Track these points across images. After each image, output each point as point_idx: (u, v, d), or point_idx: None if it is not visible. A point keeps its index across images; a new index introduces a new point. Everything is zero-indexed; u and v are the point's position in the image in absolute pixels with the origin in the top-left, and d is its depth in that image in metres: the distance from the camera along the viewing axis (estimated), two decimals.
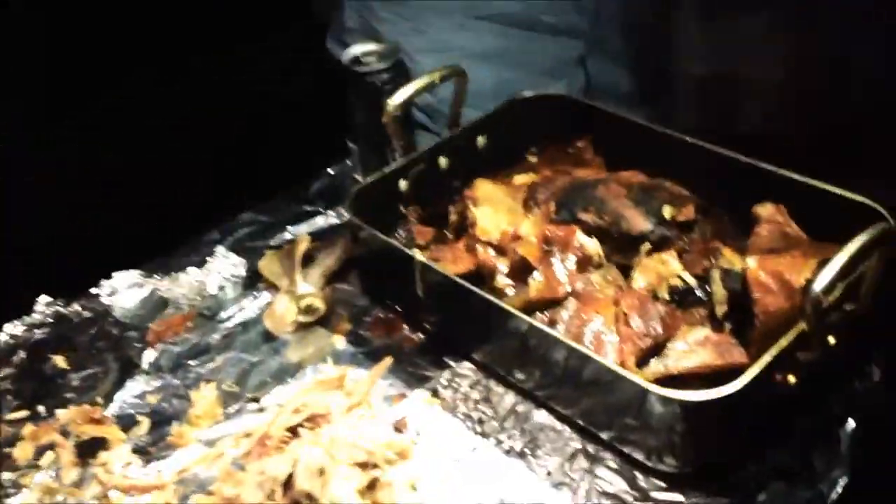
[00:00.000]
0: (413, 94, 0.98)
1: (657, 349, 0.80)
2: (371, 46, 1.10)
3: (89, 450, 0.80)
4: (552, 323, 0.82)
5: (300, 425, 0.78)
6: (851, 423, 0.77)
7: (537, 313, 0.84)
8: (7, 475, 0.78)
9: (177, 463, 0.78)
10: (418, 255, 0.85)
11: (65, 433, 0.81)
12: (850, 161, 1.09)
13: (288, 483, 0.69)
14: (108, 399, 0.85)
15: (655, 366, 0.79)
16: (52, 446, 0.80)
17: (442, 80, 1.00)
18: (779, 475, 0.73)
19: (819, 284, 0.66)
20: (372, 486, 0.72)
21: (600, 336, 0.80)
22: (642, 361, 0.79)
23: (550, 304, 0.85)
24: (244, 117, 1.18)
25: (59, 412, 0.83)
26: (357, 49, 1.10)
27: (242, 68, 1.25)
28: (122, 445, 0.80)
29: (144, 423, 0.83)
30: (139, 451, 0.80)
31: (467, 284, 0.81)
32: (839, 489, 0.74)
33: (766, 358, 0.69)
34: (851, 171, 0.91)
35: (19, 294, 0.96)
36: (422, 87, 0.98)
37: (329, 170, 1.17)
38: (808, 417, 0.76)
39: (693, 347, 0.80)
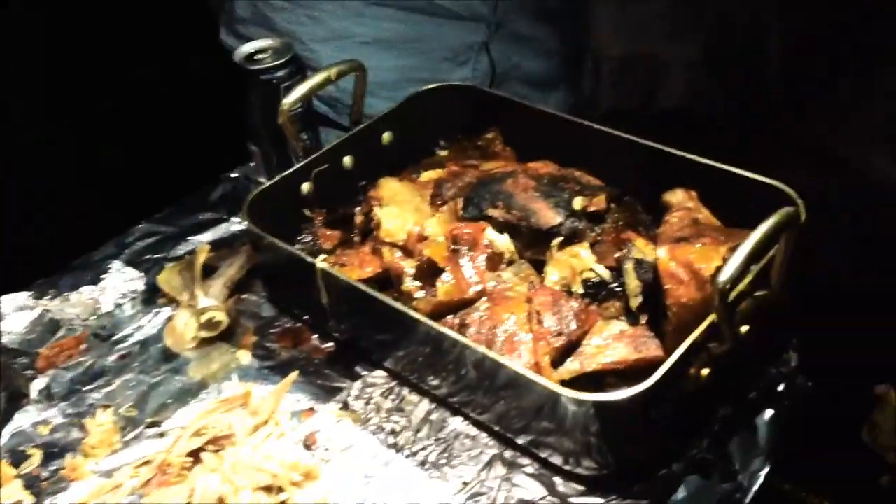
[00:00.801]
0: (308, 93, 0.94)
1: (572, 347, 0.78)
2: (265, 42, 1.06)
3: None
4: (463, 326, 0.79)
5: (202, 449, 0.74)
6: (769, 412, 0.75)
7: (448, 316, 0.81)
8: None
9: (72, 497, 0.74)
10: (319, 263, 0.81)
11: None
12: (765, 143, 1.09)
13: None
14: None
15: (571, 364, 0.77)
16: None
17: (339, 77, 0.96)
18: (699, 469, 0.72)
19: (725, 274, 0.64)
20: None
21: (513, 337, 0.77)
22: (558, 360, 0.77)
23: (461, 305, 0.82)
24: (136, 120, 1.12)
25: None
26: (250, 46, 1.06)
27: (130, 66, 1.20)
28: (12, 483, 0.75)
29: (36, 457, 0.78)
30: (30, 486, 0.75)
31: (371, 291, 0.77)
32: (760, 479, 0.73)
33: (678, 352, 0.67)
34: (766, 155, 0.91)
35: None
36: (317, 85, 0.94)
37: (231, 174, 1.11)
38: (726, 408, 0.75)
39: (609, 342, 0.78)
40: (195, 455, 0.74)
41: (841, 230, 1.10)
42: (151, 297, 0.94)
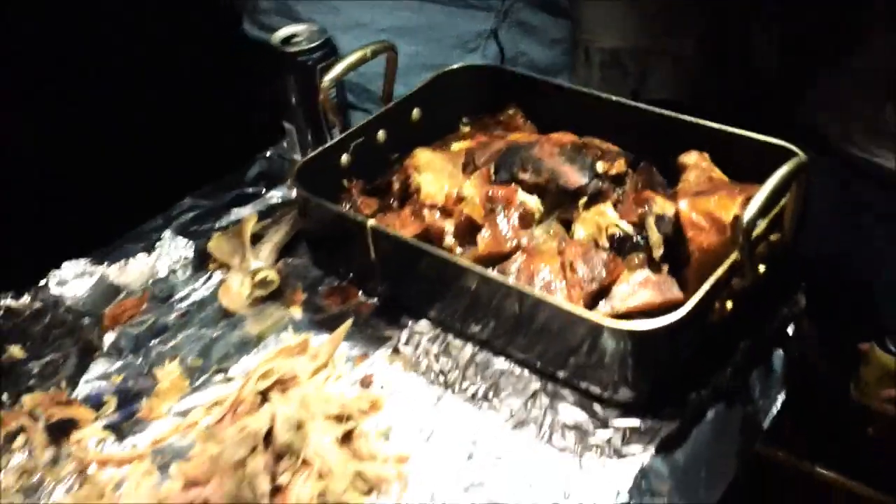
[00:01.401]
0: (346, 70, 1.01)
1: (603, 293, 0.85)
2: (298, 27, 1.13)
3: (60, 431, 0.81)
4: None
5: (269, 390, 0.81)
6: (781, 350, 0.83)
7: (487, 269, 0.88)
8: None
9: (150, 435, 0.80)
10: (370, 222, 0.88)
11: (33, 417, 0.81)
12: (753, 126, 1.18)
13: (268, 438, 0.72)
14: (72, 383, 0.86)
15: (602, 308, 0.84)
16: (20, 431, 0.81)
17: (373, 56, 1.03)
18: (723, 396, 0.79)
19: (748, 214, 0.72)
20: (348, 436, 0.75)
21: (549, 285, 0.84)
22: (590, 305, 0.84)
23: (498, 259, 0.89)
24: (175, 105, 1.19)
25: (24, 398, 0.83)
26: (285, 31, 1.13)
27: (163, 54, 1.26)
28: (92, 424, 0.81)
29: (112, 403, 0.84)
30: (111, 427, 0.81)
31: (421, 244, 0.85)
32: (777, 405, 0.81)
33: (706, 286, 0.75)
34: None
35: None
36: (354, 63, 1.01)
37: (265, 153, 1.18)
38: (745, 342, 0.83)
39: (635, 288, 0.86)
40: (263, 396, 0.81)
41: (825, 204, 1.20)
42: (202, 263, 1.00)
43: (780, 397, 0.82)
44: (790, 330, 0.88)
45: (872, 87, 1.25)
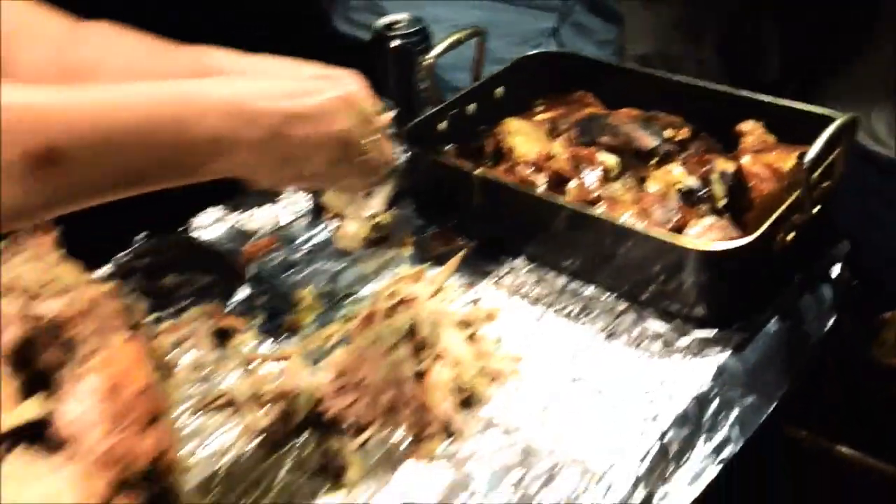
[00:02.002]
0: (445, 50, 1.16)
1: (677, 233, 1.00)
2: (396, 17, 1.29)
3: (221, 337, 0.95)
4: None
5: (394, 308, 0.95)
6: (833, 275, 0.98)
7: None
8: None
9: (298, 342, 0.94)
10: (478, 171, 1.03)
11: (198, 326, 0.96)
12: None
13: (410, 333, 0.86)
14: (223, 303, 1.01)
15: None
16: (185, 339, 0.95)
17: (467, 38, 1.19)
18: (782, 315, 0.94)
19: (811, 154, 0.87)
20: (470, 339, 0.90)
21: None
22: None
23: (585, 206, 1.04)
24: None
25: (188, 312, 0.98)
26: (385, 20, 1.29)
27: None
28: (247, 332, 0.96)
29: (260, 317, 0.99)
30: (263, 334, 0.96)
31: (525, 188, 1.00)
32: (827, 327, 0.96)
33: (773, 217, 0.90)
34: None
35: (119, 234, 1.10)
36: (451, 44, 1.17)
37: None
38: (800, 274, 0.98)
39: (703, 231, 1.01)
40: (389, 313, 0.95)
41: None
42: (319, 213, 1.15)
43: (829, 323, 0.97)
44: (835, 270, 1.02)
45: (876, 86, 1.41)
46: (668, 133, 1.12)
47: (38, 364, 0.64)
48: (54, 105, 0.60)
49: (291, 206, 1.17)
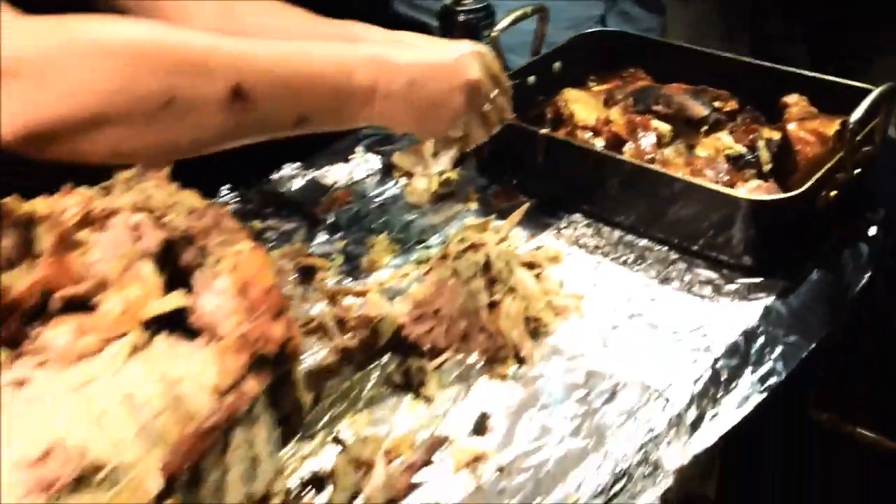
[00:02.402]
0: (511, 23, 1.25)
1: None
2: None
3: (304, 275, 1.04)
4: None
5: (465, 251, 1.04)
6: (870, 234, 1.06)
7: None
8: None
9: (375, 279, 1.03)
10: (542, 130, 1.12)
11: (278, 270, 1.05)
12: None
13: (484, 269, 0.95)
14: (305, 245, 1.10)
15: None
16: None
17: (532, 14, 1.28)
18: (823, 267, 1.02)
19: (855, 116, 0.95)
20: (537, 277, 0.99)
21: None
22: None
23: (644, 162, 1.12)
24: None
25: (273, 252, 1.07)
26: None
27: None
28: (329, 271, 1.05)
29: (339, 258, 1.08)
30: (342, 274, 1.05)
31: (589, 146, 1.08)
32: (864, 280, 1.04)
33: (817, 174, 0.98)
34: None
35: (204, 186, 1.19)
36: (517, 18, 1.26)
37: None
38: (841, 231, 1.05)
39: (751, 191, 1.09)
40: (460, 256, 1.04)
41: None
42: (389, 171, 1.25)
43: (865, 277, 1.04)
44: (872, 231, 1.10)
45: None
46: (717, 103, 1.20)
47: (178, 265, 0.73)
48: (244, 50, 0.71)
49: (363, 164, 1.26)
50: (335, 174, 1.23)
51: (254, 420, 0.67)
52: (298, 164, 1.25)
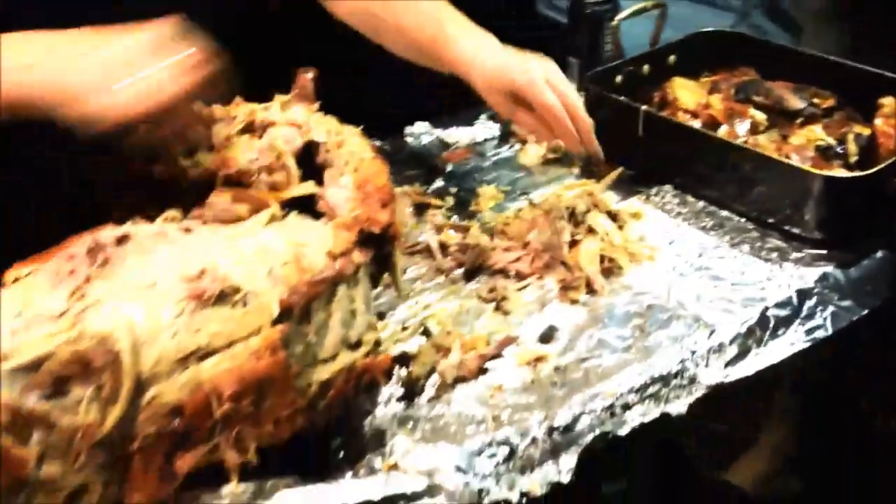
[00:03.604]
0: (630, 15, 1.39)
1: None
2: None
3: (419, 210, 1.21)
4: None
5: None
6: None
7: None
8: None
9: (478, 218, 1.19)
10: (644, 107, 1.25)
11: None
12: None
13: (570, 213, 1.09)
14: (423, 187, 1.27)
15: None
16: None
17: (652, 8, 1.41)
18: (887, 248, 1.10)
19: None
20: (620, 228, 1.12)
21: None
22: None
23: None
24: None
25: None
26: None
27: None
28: (439, 209, 1.22)
29: (450, 200, 1.24)
30: (452, 210, 1.21)
31: (685, 123, 1.21)
32: None
33: (888, 161, 1.07)
34: None
35: None
36: (638, 10, 1.39)
37: None
38: None
39: None
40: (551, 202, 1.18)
41: None
42: (506, 138, 1.40)
43: None
44: None
45: None
46: (815, 99, 1.29)
47: (314, 163, 0.92)
48: None
49: (485, 129, 1.42)
50: (458, 135, 1.40)
51: (356, 282, 0.84)
52: (427, 123, 1.42)
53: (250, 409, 0.75)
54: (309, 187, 0.89)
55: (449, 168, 1.32)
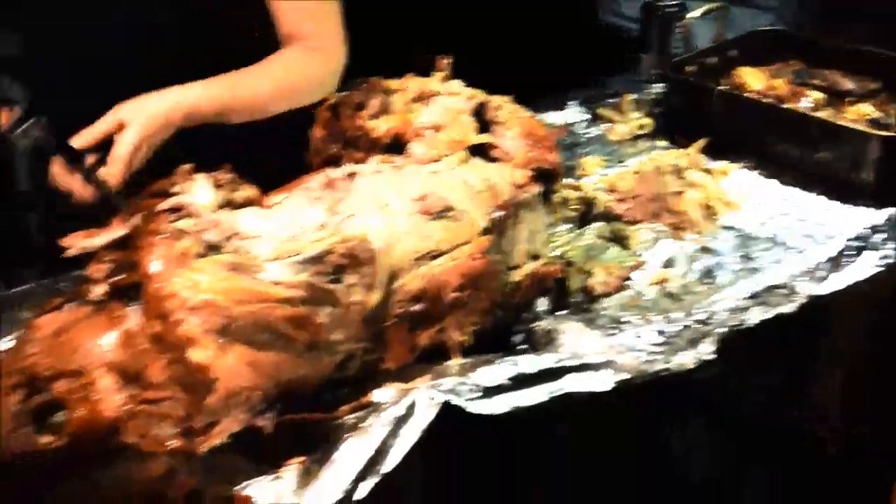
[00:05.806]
0: (701, 14, 1.62)
1: None
2: None
3: None
4: None
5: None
6: None
7: None
8: None
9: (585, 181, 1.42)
10: (720, 88, 1.48)
11: None
12: None
13: (674, 168, 1.32)
14: None
15: None
16: None
17: (716, 9, 1.65)
18: None
19: None
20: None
21: None
22: None
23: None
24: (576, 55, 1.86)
25: None
26: None
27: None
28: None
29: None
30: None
31: (761, 99, 1.43)
32: None
33: None
34: None
35: None
36: (705, 11, 1.63)
37: (616, 77, 1.81)
38: None
39: None
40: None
41: None
42: (594, 120, 1.63)
43: None
44: None
45: None
46: (865, 82, 1.52)
47: (484, 120, 1.14)
48: None
49: (575, 113, 1.65)
50: (552, 118, 1.63)
51: (534, 207, 1.06)
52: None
53: (468, 299, 0.96)
54: (486, 137, 1.11)
55: None
